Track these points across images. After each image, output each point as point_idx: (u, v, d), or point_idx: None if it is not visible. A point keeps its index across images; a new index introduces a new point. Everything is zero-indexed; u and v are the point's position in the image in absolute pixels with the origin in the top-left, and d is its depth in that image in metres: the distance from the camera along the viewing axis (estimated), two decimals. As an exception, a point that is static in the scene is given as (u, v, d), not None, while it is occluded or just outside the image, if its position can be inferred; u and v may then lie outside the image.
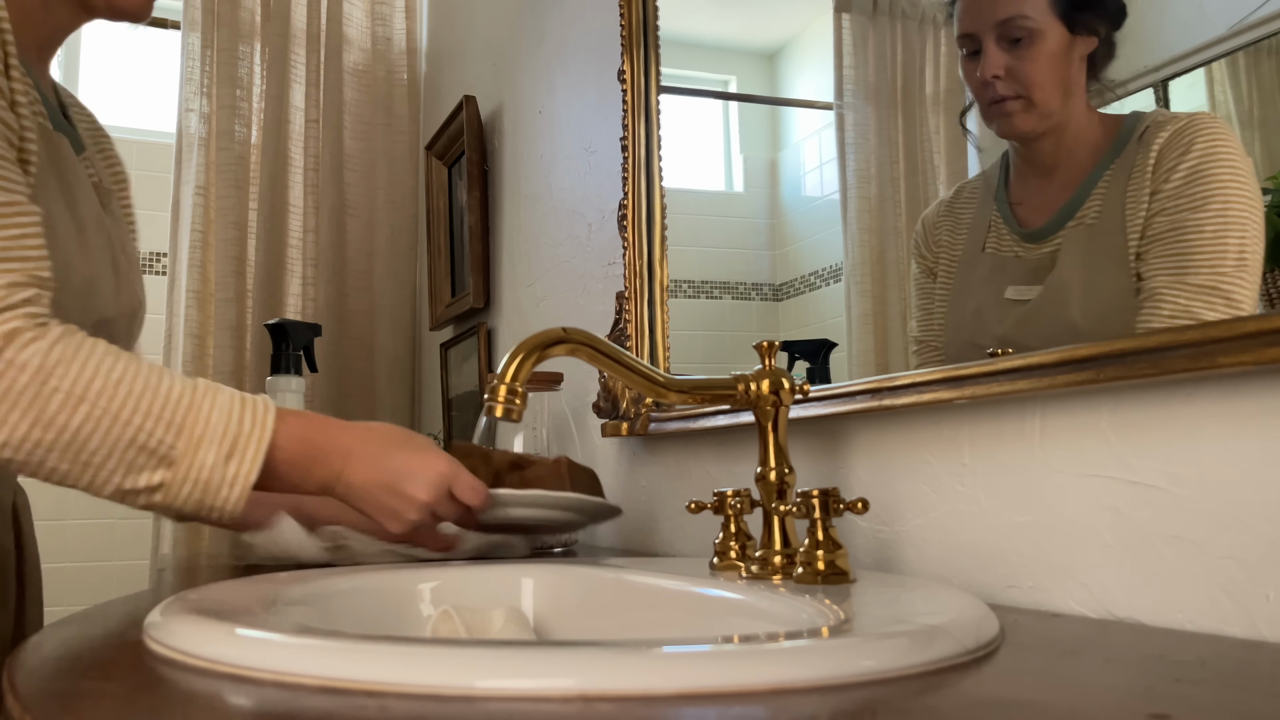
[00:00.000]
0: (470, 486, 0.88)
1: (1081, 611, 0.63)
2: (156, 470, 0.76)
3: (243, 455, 0.78)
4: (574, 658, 0.41)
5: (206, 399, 0.78)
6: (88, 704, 0.42)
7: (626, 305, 1.19)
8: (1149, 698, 0.39)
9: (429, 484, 0.86)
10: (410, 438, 0.90)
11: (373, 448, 0.86)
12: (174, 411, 0.76)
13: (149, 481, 0.77)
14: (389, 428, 0.90)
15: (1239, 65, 0.61)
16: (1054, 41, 0.70)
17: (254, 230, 2.17)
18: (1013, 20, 0.72)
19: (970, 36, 0.75)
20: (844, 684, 0.40)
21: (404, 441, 0.89)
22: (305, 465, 0.84)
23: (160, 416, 0.76)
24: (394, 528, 0.88)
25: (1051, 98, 0.71)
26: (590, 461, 1.34)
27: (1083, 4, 0.70)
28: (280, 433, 0.81)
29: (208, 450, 0.77)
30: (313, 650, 0.43)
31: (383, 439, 0.88)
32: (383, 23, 2.40)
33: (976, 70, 0.74)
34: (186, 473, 0.77)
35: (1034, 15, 0.71)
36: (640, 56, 1.21)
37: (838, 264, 0.95)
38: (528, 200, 1.69)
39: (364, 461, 0.86)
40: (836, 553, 0.66)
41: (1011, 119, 0.73)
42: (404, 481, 0.85)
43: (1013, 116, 0.73)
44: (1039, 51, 0.71)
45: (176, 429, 0.76)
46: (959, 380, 0.71)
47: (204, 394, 0.79)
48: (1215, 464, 0.56)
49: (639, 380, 0.74)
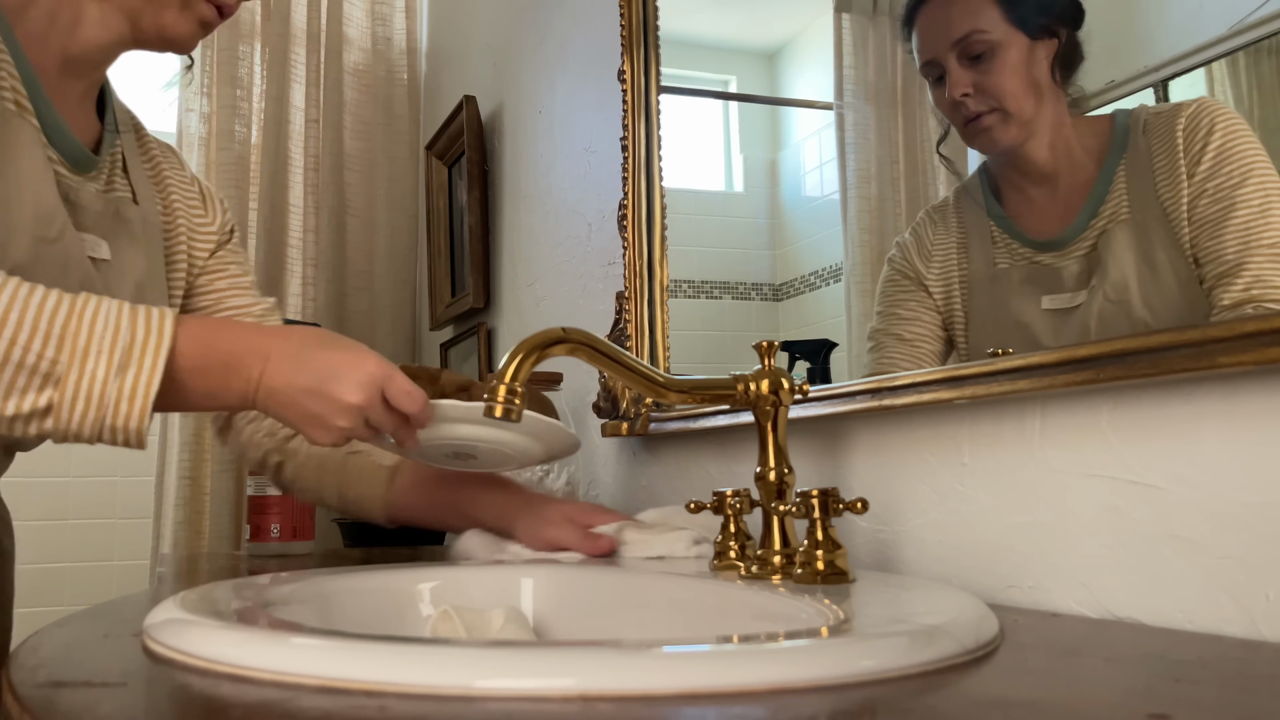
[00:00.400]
0: (405, 391, 0.78)
1: (1081, 611, 0.63)
2: (42, 391, 0.68)
3: (139, 365, 0.70)
4: (574, 658, 0.41)
5: (89, 307, 0.70)
6: (87, 704, 0.42)
7: (626, 305, 1.19)
8: (1149, 698, 0.39)
9: (358, 384, 0.76)
10: (338, 337, 0.81)
11: (294, 347, 0.77)
12: (51, 323, 0.68)
13: (34, 404, 0.69)
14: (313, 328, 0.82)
15: (1239, 65, 0.61)
16: (1015, 50, 0.70)
17: (254, 230, 2.17)
18: (969, 37, 0.72)
19: (932, 63, 0.76)
20: (844, 684, 0.40)
21: (330, 340, 0.80)
22: (216, 372, 0.75)
23: (37, 329, 0.68)
24: (321, 437, 0.78)
25: (1024, 104, 0.71)
26: (590, 461, 1.34)
27: (1036, 9, 0.70)
28: (181, 337, 0.72)
29: (97, 362, 0.69)
30: (312, 650, 0.43)
31: (305, 337, 0.79)
32: (383, 23, 2.40)
33: (945, 94, 0.74)
34: (76, 389, 0.69)
35: (989, 28, 0.71)
36: (640, 56, 1.21)
37: (838, 264, 0.95)
38: (528, 200, 1.69)
39: (284, 363, 0.76)
40: (836, 553, 0.66)
41: (991, 133, 0.73)
42: (330, 382, 0.76)
43: (991, 131, 0.73)
44: (1002, 63, 0.71)
45: (57, 342, 0.68)
46: (959, 380, 0.71)
47: (86, 303, 0.70)
48: (1215, 464, 0.56)
49: (639, 380, 0.74)
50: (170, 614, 0.53)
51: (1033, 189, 0.72)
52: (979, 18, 0.72)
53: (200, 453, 2.06)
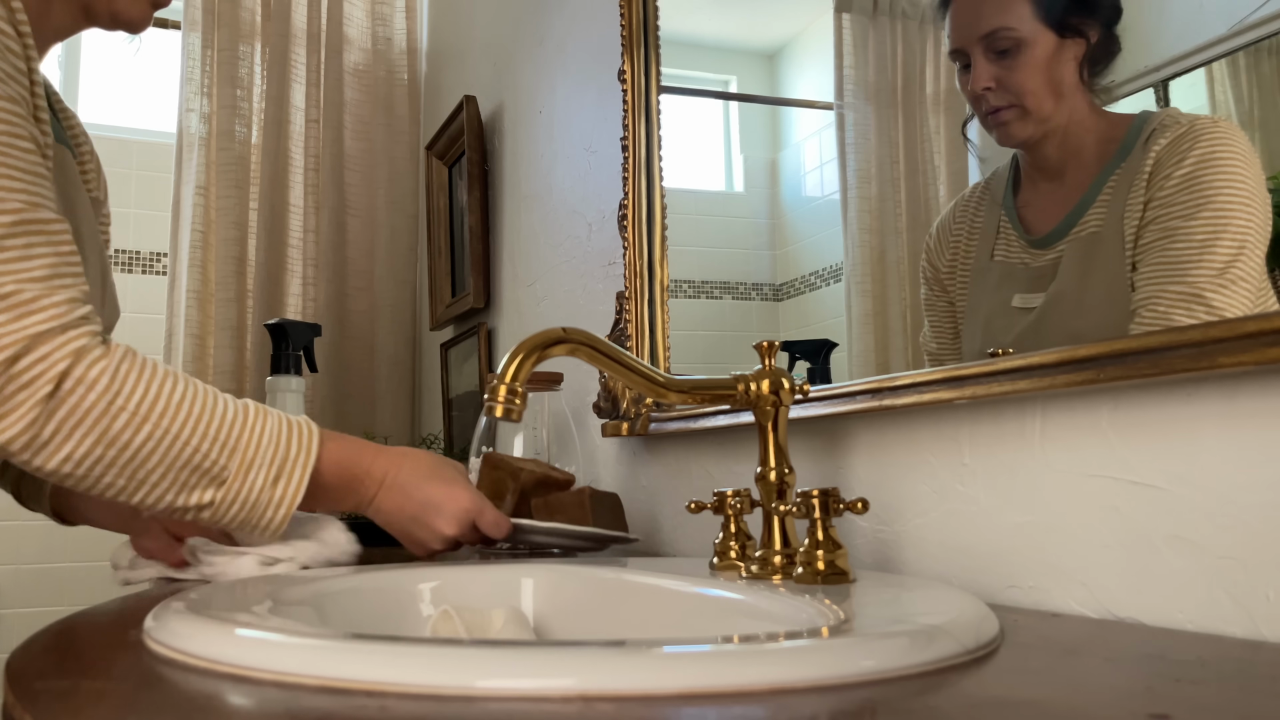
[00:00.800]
0: (494, 523, 0.92)
1: (1081, 611, 0.63)
2: (208, 489, 0.79)
3: (289, 478, 0.82)
4: (574, 658, 0.41)
5: (259, 422, 0.81)
6: (88, 704, 0.42)
7: (626, 305, 1.19)
8: (1149, 698, 0.39)
9: (455, 518, 0.90)
10: (440, 468, 0.93)
11: (405, 477, 0.91)
12: (229, 434, 0.79)
13: (199, 500, 0.79)
14: (422, 456, 0.94)
15: (1239, 65, 0.61)
16: (1042, 49, 0.70)
17: (254, 230, 2.17)
18: (997, 32, 0.72)
19: (959, 51, 0.76)
20: (844, 684, 0.40)
21: (434, 472, 0.92)
22: (342, 489, 0.88)
23: (216, 439, 0.79)
24: (418, 553, 0.93)
25: (1044, 103, 0.71)
26: (590, 461, 1.34)
27: (1069, 8, 0.70)
28: (323, 458, 0.85)
29: (258, 473, 0.80)
30: (313, 650, 0.43)
31: (415, 469, 0.91)
32: (383, 23, 2.40)
33: (969, 83, 0.74)
34: (237, 494, 0.80)
35: (1018, 25, 0.71)
36: (640, 56, 1.21)
37: (838, 264, 0.95)
38: (528, 200, 1.69)
39: (395, 491, 0.90)
40: (836, 553, 0.66)
41: (1008, 128, 0.73)
42: (431, 514, 0.90)
43: (1009, 125, 0.73)
44: (1026, 60, 0.71)
45: (229, 451, 0.79)
46: (959, 380, 0.71)
47: (256, 416, 0.82)
48: (1215, 464, 0.56)
49: (639, 380, 0.74)
50: (170, 614, 0.53)
51: (1043, 183, 0.73)
52: (1009, 13, 0.72)
53: (200, 453, 2.06)
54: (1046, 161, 0.72)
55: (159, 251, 2.63)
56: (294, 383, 1.54)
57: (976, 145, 0.79)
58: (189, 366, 2.07)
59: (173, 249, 2.16)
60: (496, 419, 0.96)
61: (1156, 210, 0.63)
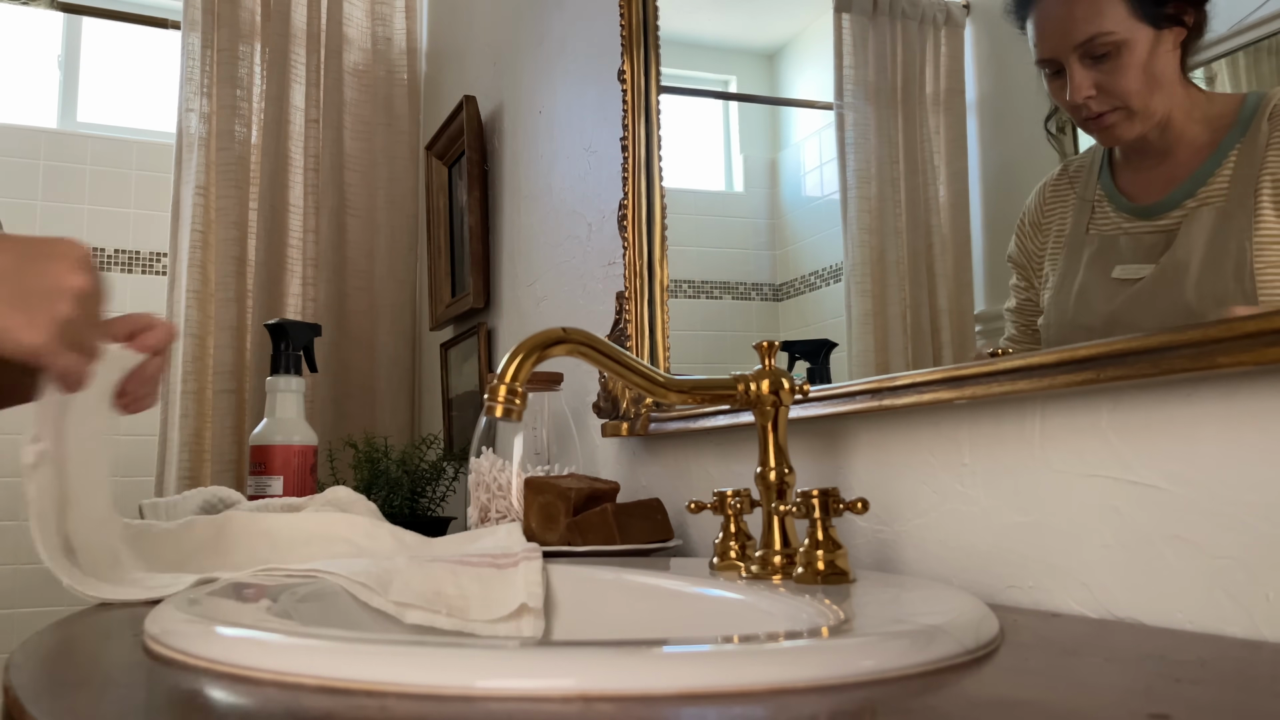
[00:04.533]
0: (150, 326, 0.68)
1: (1081, 611, 0.63)
2: None
3: None
4: (574, 658, 0.41)
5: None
6: (88, 704, 0.42)
7: (626, 305, 1.19)
8: (1149, 698, 0.39)
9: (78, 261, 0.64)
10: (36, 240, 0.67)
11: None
12: None
13: None
14: None
15: (1239, 65, 0.61)
16: (1142, 46, 0.67)
17: (254, 230, 2.17)
18: (1095, 39, 0.69)
19: (1050, 61, 0.72)
20: (844, 684, 0.40)
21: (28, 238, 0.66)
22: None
23: None
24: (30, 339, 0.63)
25: (1151, 100, 0.68)
26: (591, 462, 1.34)
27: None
28: None
29: None
30: (313, 650, 0.43)
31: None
32: (383, 23, 2.40)
33: (1064, 92, 0.71)
34: None
35: (1115, 28, 0.68)
36: (640, 56, 1.21)
37: (838, 264, 0.95)
38: (528, 200, 1.69)
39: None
40: (836, 553, 0.66)
41: (1113, 130, 0.70)
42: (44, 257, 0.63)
43: (1114, 128, 0.70)
44: (1127, 62, 0.68)
45: None
46: (959, 380, 0.71)
47: None
48: (1215, 464, 0.56)
49: (639, 380, 0.74)
50: (170, 614, 0.53)
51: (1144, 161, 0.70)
52: (1104, 17, 0.68)
53: (200, 453, 2.06)
54: (1149, 146, 0.69)
55: (159, 251, 2.63)
56: (294, 383, 1.54)
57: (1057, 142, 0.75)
58: (189, 366, 2.07)
59: (172, 249, 2.16)
60: (496, 419, 0.95)
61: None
